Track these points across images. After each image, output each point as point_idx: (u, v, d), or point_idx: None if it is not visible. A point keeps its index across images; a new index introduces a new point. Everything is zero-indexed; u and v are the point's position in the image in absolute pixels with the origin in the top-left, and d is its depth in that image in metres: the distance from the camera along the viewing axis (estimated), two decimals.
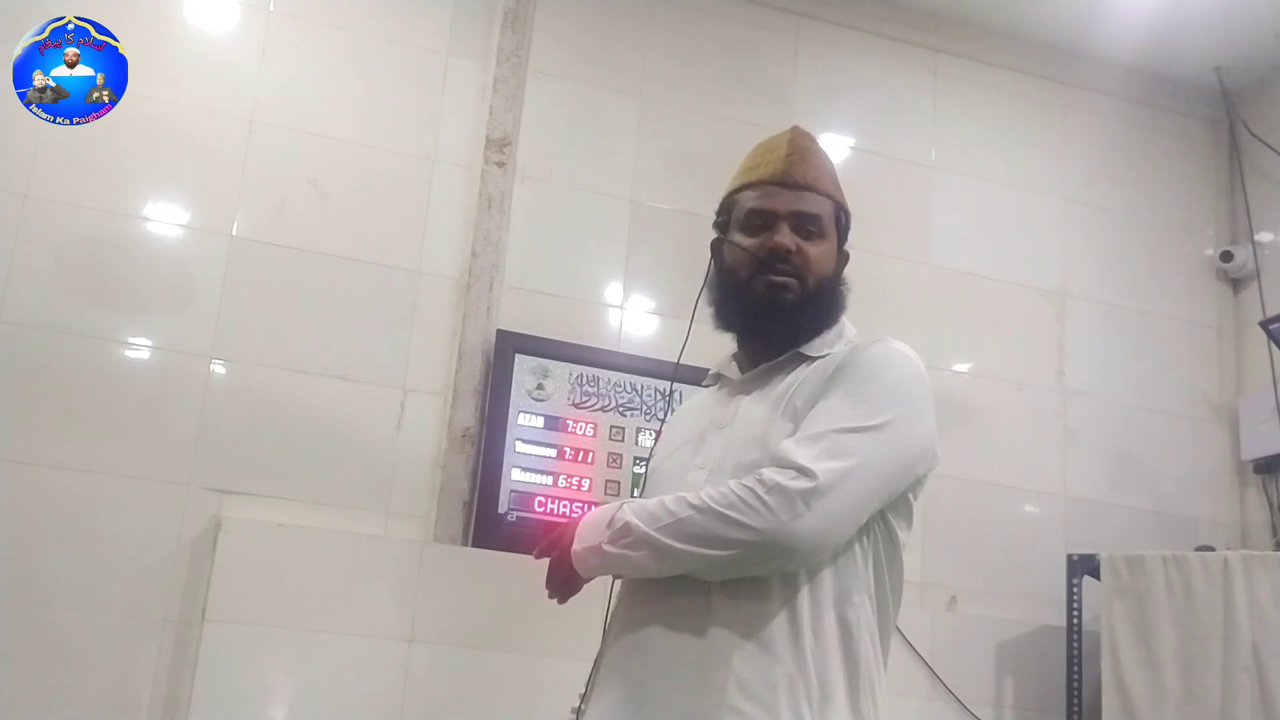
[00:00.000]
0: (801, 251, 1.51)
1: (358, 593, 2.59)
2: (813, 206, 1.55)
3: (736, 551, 1.30)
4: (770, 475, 1.30)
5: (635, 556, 1.35)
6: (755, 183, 1.56)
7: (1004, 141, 3.52)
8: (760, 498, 1.29)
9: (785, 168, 1.55)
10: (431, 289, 2.87)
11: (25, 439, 2.51)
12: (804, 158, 1.57)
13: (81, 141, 2.63)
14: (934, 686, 2.98)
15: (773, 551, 1.30)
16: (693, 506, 1.32)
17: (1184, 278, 3.59)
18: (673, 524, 1.33)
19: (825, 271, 1.55)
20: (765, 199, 1.54)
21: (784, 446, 1.34)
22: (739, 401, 1.52)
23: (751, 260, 1.51)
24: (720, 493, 1.32)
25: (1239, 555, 2.75)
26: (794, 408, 1.42)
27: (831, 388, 1.41)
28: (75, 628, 2.44)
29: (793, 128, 1.62)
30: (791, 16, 3.36)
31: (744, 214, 1.55)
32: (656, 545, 1.33)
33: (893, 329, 1.55)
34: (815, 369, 1.48)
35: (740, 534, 1.29)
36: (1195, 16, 3.32)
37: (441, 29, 3.03)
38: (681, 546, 1.32)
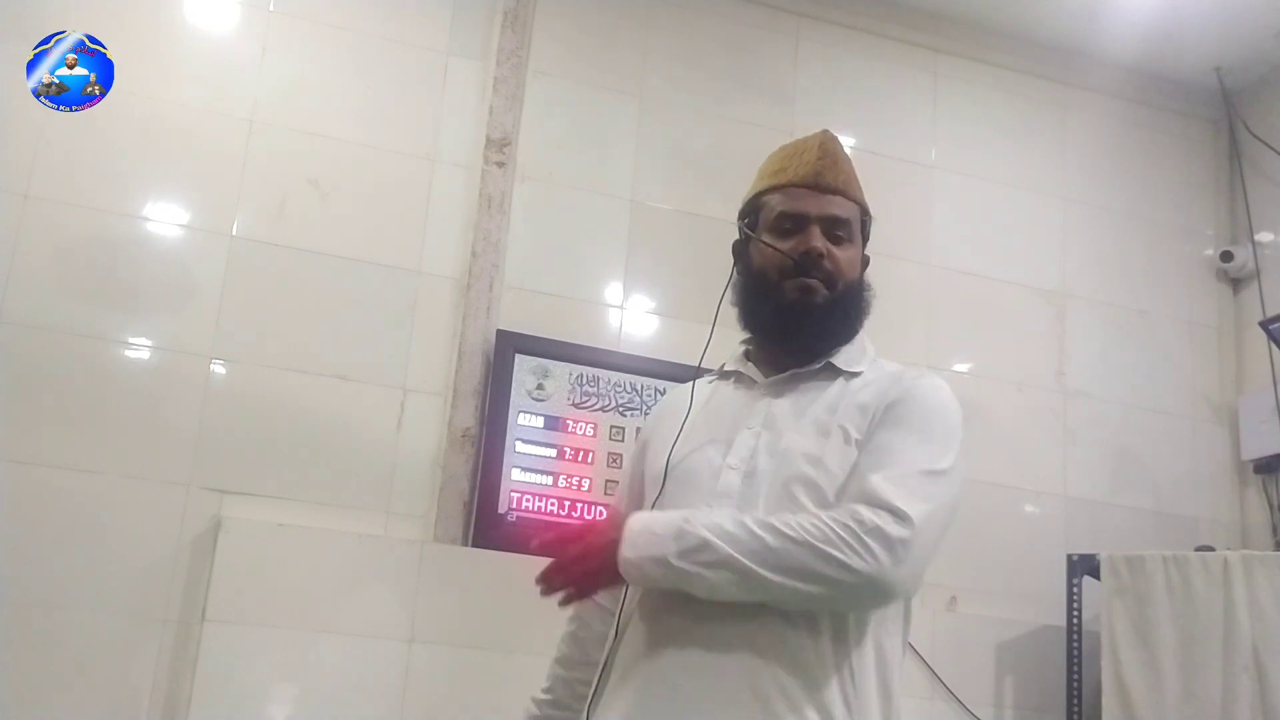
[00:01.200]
0: (832, 256, 1.52)
1: (358, 593, 2.59)
2: (843, 211, 1.55)
3: (830, 590, 1.30)
4: (870, 517, 1.30)
5: (713, 578, 1.31)
6: (784, 185, 1.56)
7: (1004, 141, 3.52)
8: (861, 539, 1.28)
9: (817, 171, 1.55)
10: (431, 289, 2.87)
11: (25, 439, 2.51)
12: (835, 162, 1.57)
13: (81, 141, 2.63)
14: (934, 686, 2.98)
15: (869, 594, 1.31)
16: (787, 537, 1.30)
17: (1184, 278, 3.59)
18: (763, 551, 1.30)
19: (853, 276, 1.55)
20: (796, 202, 1.54)
21: (877, 485, 1.33)
22: (767, 404, 1.51)
23: (783, 263, 1.51)
24: (815, 526, 1.30)
25: (1239, 555, 2.75)
26: (844, 430, 1.43)
27: (898, 423, 1.41)
28: (75, 628, 2.44)
29: (823, 131, 1.62)
30: (791, 16, 3.36)
31: (774, 216, 1.55)
32: (744, 571, 1.29)
33: (893, 329, 1.56)
34: (856, 389, 1.49)
35: (838, 573, 1.28)
36: (1195, 16, 3.31)
37: (441, 29, 3.03)
38: (774, 577, 1.29)
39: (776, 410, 1.50)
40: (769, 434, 1.47)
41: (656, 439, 1.60)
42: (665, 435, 1.56)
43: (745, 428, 1.48)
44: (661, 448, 1.55)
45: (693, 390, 1.59)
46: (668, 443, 1.54)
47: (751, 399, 1.54)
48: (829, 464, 1.40)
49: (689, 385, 1.65)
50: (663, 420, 1.62)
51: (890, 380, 1.49)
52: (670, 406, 1.65)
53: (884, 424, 1.41)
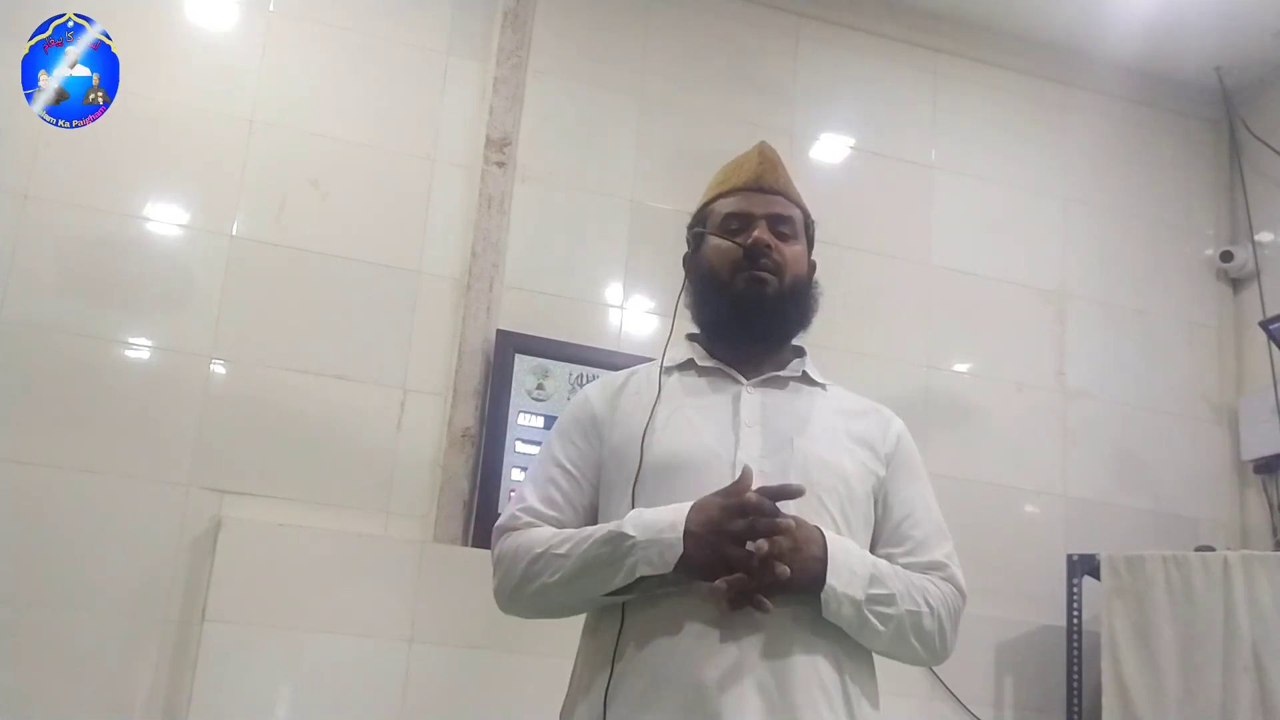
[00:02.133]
0: (779, 249, 1.56)
1: (358, 593, 2.59)
2: (785, 210, 1.61)
3: (930, 659, 1.48)
4: (960, 604, 1.49)
5: (880, 629, 1.40)
6: (729, 191, 1.62)
7: (1004, 141, 3.52)
8: (956, 622, 1.49)
9: (758, 174, 1.62)
10: (431, 289, 2.87)
11: (25, 439, 2.51)
12: (774, 167, 1.64)
13: (81, 141, 2.63)
14: (934, 686, 2.98)
15: (938, 661, 1.51)
16: (934, 609, 1.45)
17: (1184, 278, 3.59)
18: (920, 615, 1.43)
19: (800, 272, 1.60)
20: (741, 203, 1.60)
21: (952, 569, 1.51)
22: (756, 403, 1.52)
23: (734, 257, 1.55)
24: (944, 602, 1.46)
25: (1239, 555, 2.75)
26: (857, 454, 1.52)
27: (916, 480, 1.57)
28: (75, 628, 2.44)
29: (761, 142, 1.68)
30: (791, 16, 3.36)
31: (720, 219, 1.61)
32: (901, 632, 1.42)
33: (893, 329, 1.55)
34: (837, 406, 1.58)
35: (943, 648, 1.47)
36: (1195, 16, 3.32)
37: (441, 29, 3.03)
38: (914, 642, 1.44)
39: (770, 410, 1.51)
40: (772, 433, 1.48)
41: (620, 421, 1.54)
42: (632, 420, 1.52)
43: (745, 424, 1.49)
44: (630, 433, 1.50)
45: (660, 380, 1.55)
46: (635, 428, 1.50)
47: (733, 396, 1.54)
48: (854, 485, 1.49)
49: (638, 370, 1.62)
50: (618, 402, 1.57)
51: (873, 410, 1.61)
52: (622, 387, 1.60)
53: (908, 477, 1.56)
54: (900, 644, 1.43)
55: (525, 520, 1.52)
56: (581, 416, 1.59)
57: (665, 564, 1.34)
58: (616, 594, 1.40)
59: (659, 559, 1.34)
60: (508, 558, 1.50)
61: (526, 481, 1.59)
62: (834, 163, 3.36)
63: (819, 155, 3.34)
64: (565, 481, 1.55)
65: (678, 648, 1.35)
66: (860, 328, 3.19)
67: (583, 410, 1.60)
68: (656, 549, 1.34)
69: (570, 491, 1.54)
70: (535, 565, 1.45)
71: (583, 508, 1.54)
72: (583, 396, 1.63)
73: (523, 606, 1.51)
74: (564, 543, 1.43)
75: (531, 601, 1.48)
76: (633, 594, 1.39)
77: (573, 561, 1.41)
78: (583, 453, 1.56)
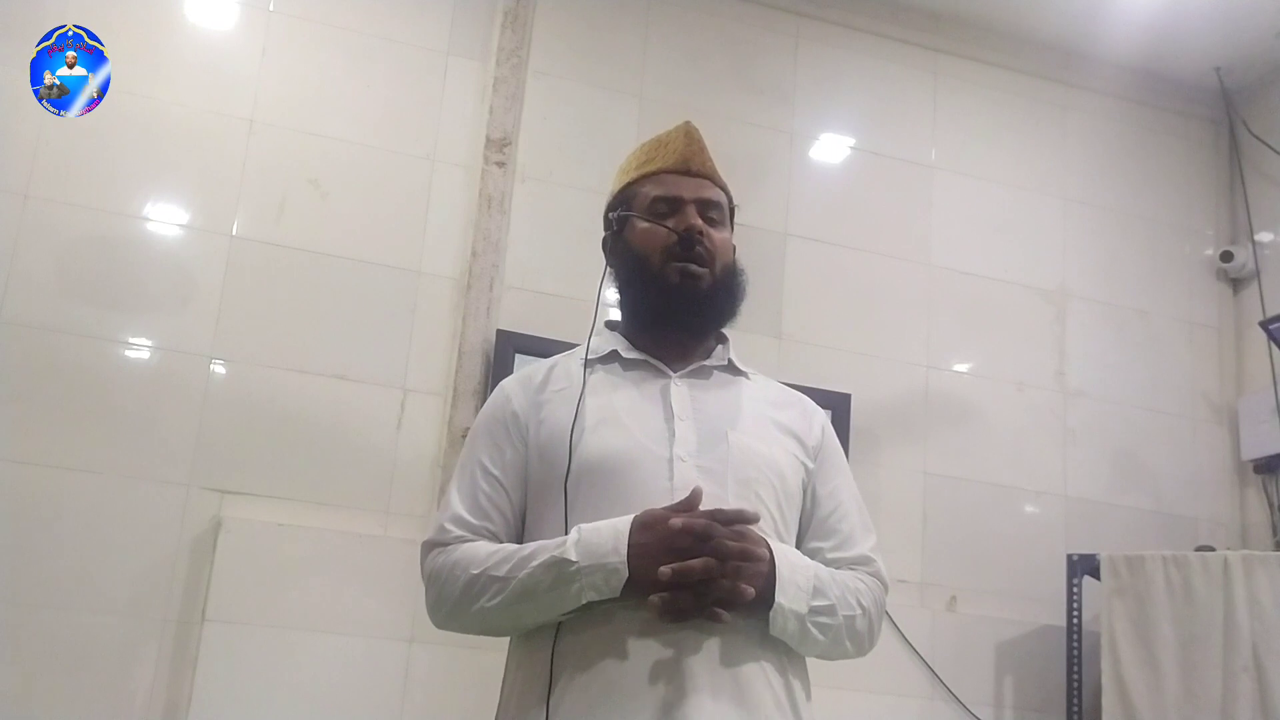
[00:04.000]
0: (709, 236, 1.52)
1: (358, 593, 2.59)
2: (714, 194, 1.56)
3: (854, 651, 1.46)
4: (883, 594, 1.49)
5: (819, 639, 1.39)
6: (654, 173, 1.56)
7: (1004, 141, 3.52)
8: (881, 614, 1.49)
9: (685, 157, 1.56)
10: (431, 289, 2.87)
11: (25, 439, 2.51)
12: (701, 149, 1.58)
13: (81, 141, 2.63)
14: (934, 686, 2.98)
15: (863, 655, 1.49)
16: (867, 610, 1.44)
17: (1184, 278, 3.59)
18: (854, 619, 1.42)
19: (729, 258, 1.56)
20: (670, 186, 1.54)
21: (878, 564, 1.50)
22: (685, 395, 1.47)
23: (666, 244, 1.50)
24: (873, 597, 1.46)
25: (1239, 555, 2.75)
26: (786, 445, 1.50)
27: (841, 472, 1.55)
28: (75, 628, 2.44)
29: (685, 121, 1.62)
30: (791, 16, 3.36)
31: (648, 202, 1.54)
32: (838, 639, 1.41)
33: (893, 329, 1.55)
34: (763, 396, 1.55)
35: (871, 643, 1.47)
36: (1195, 16, 3.32)
37: (441, 29, 3.03)
38: (847, 643, 1.43)
39: (700, 402, 1.48)
40: (705, 427, 1.44)
41: (546, 419, 1.47)
42: (558, 417, 1.45)
43: (678, 419, 1.44)
44: (557, 431, 1.44)
45: (584, 373, 1.49)
46: (562, 426, 1.43)
47: (660, 389, 1.49)
48: (787, 478, 1.47)
49: (555, 360, 1.57)
50: (541, 399, 1.50)
51: (796, 401, 1.58)
52: (543, 383, 1.52)
53: (833, 470, 1.55)
54: (834, 648, 1.42)
55: (455, 534, 1.44)
56: (503, 415, 1.50)
57: (611, 590, 1.28)
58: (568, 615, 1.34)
59: (604, 585, 1.28)
60: (441, 576, 1.43)
61: (452, 488, 1.49)
62: (834, 163, 3.36)
63: (819, 155, 3.34)
64: (490, 487, 1.46)
65: (624, 665, 1.29)
66: (860, 328, 3.19)
67: (502, 409, 1.51)
68: (601, 574, 1.28)
69: (497, 497, 1.46)
70: (473, 587, 1.37)
71: (512, 513, 1.46)
72: (501, 394, 1.53)
73: (461, 626, 1.44)
74: (502, 563, 1.36)
75: (471, 621, 1.41)
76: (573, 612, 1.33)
77: (514, 586, 1.33)
78: (506, 455, 1.47)
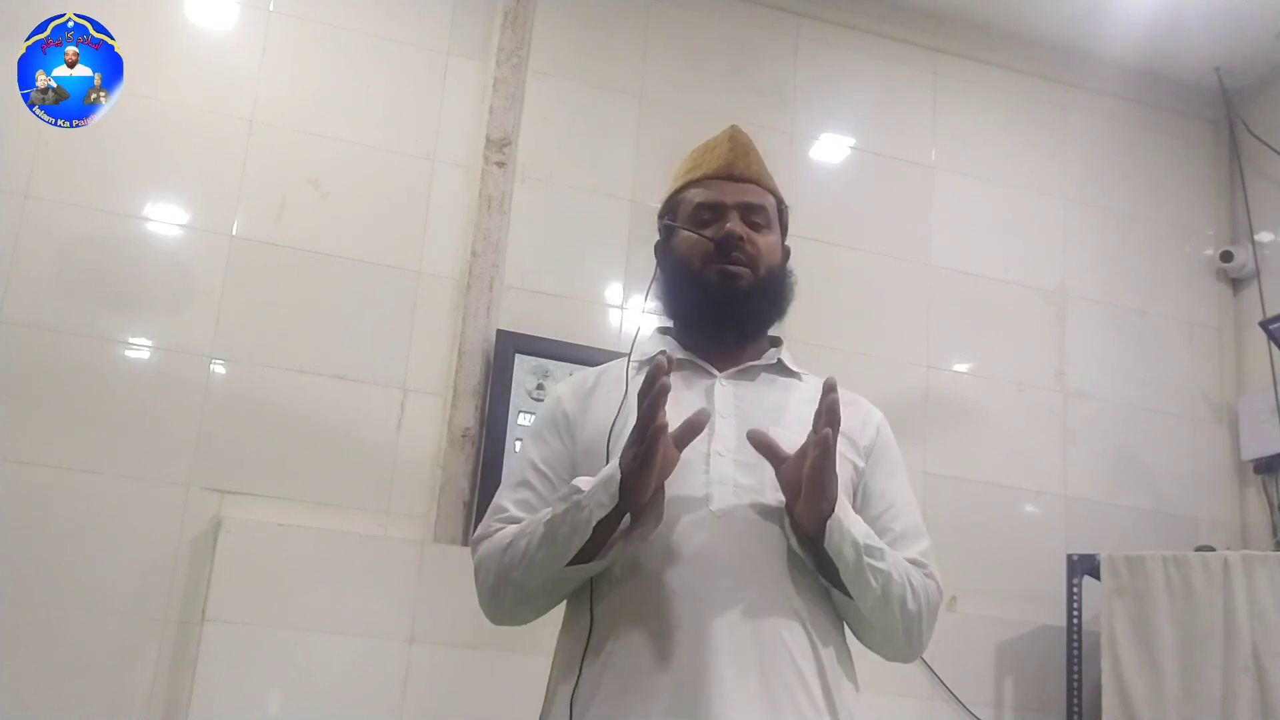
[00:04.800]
0: (751, 240, 1.53)
1: (358, 593, 2.59)
2: (758, 198, 1.57)
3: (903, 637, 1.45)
4: (938, 595, 1.50)
5: (870, 585, 1.36)
6: (699, 179, 1.58)
7: (1004, 141, 3.52)
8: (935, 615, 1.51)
9: (729, 161, 1.58)
10: (431, 289, 2.87)
11: (25, 439, 2.51)
12: (745, 153, 1.60)
13: (81, 141, 2.63)
14: (934, 686, 2.98)
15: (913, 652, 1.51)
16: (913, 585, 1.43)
17: (1184, 278, 3.59)
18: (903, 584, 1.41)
19: (774, 261, 1.56)
20: (712, 192, 1.56)
21: (931, 568, 1.50)
22: (730, 394, 1.49)
23: (705, 249, 1.52)
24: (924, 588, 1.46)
25: (1239, 555, 2.75)
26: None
27: (896, 473, 1.54)
28: (75, 628, 2.44)
29: (731, 126, 1.64)
30: (791, 16, 3.36)
31: (691, 209, 1.56)
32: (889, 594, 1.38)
33: (893, 329, 1.55)
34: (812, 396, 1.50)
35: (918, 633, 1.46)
36: (1195, 16, 3.31)
37: (441, 29, 3.03)
38: (897, 612, 1.41)
39: (744, 401, 1.49)
40: (746, 424, 1.44)
41: (590, 421, 1.51)
42: (601, 417, 1.49)
43: (720, 415, 1.46)
44: (600, 430, 1.47)
45: (628, 375, 1.51)
46: (605, 425, 1.47)
47: (705, 388, 1.51)
48: None
49: (610, 367, 1.59)
50: (589, 402, 1.54)
51: (853, 402, 1.54)
52: (594, 385, 1.57)
53: (887, 470, 1.54)
54: (885, 611, 1.39)
55: (498, 526, 1.50)
56: (554, 415, 1.56)
57: (611, 497, 1.30)
58: (583, 564, 1.36)
59: (605, 496, 1.30)
60: (485, 562, 1.48)
61: (503, 486, 1.56)
62: (834, 163, 3.36)
63: (819, 155, 3.34)
64: (539, 482, 1.52)
65: (652, 641, 1.34)
66: (860, 328, 3.19)
67: (554, 410, 1.57)
68: (602, 488, 1.31)
69: (544, 491, 1.50)
70: (506, 555, 1.43)
71: None
72: (554, 396, 1.60)
73: (505, 603, 1.49)
74: (528, 525, 1.42)
75: (511, 594, 1.46)
76: (598, 561, 1.35)
77: (537, 537, 1.38)
78: (556, 452, 1.53)
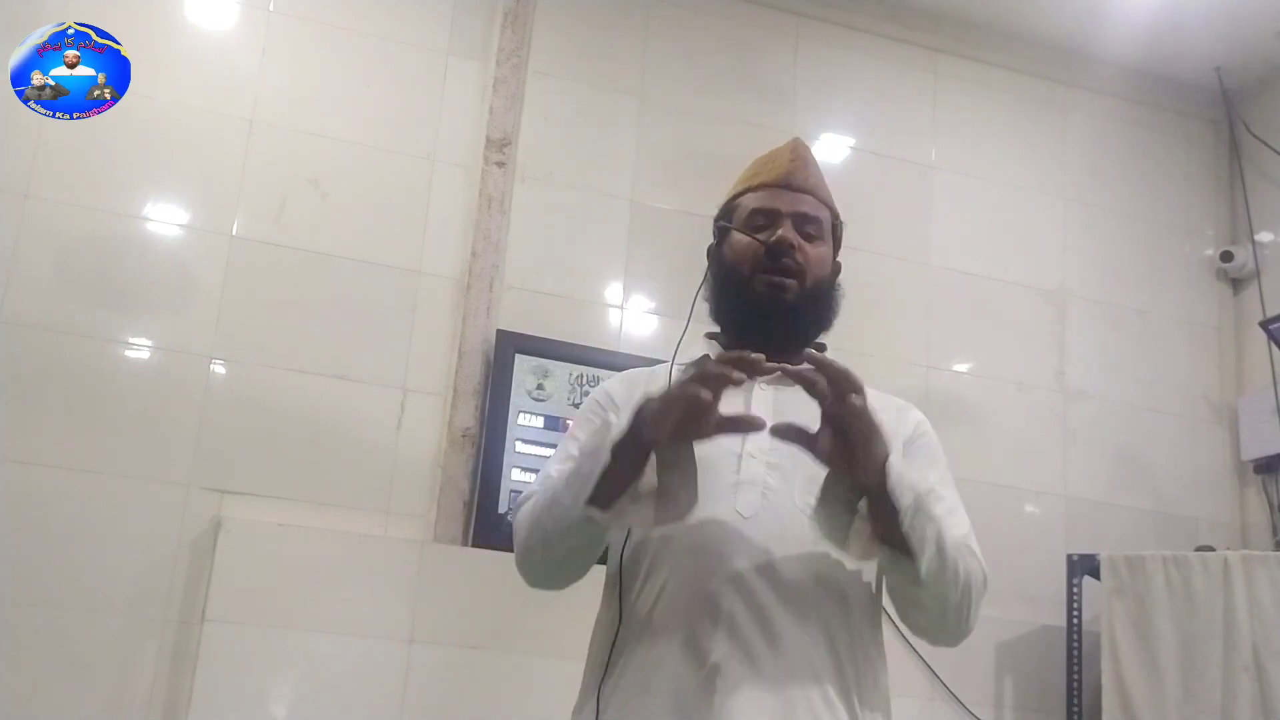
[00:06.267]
0: (803, 250, 1.55)
1: (358, 593, 2.59)
2: (814, 210, 1.59)
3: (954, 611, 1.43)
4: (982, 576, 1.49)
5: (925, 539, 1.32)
6: (757, 186, 1.61)
7: (1004, 141, 3.52)
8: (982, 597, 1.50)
9: (788, 171, 1.61)
10: (431, 289, 2.87)
11: (25, 439, 2.51)
12: (805, 165, 1.63)
13: (81, 141, 2.63)
14: (934, 686, 2.98)
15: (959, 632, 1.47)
16: (963, 561, 1.41)
17: (1184, 278, 3.59)
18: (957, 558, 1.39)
19: (823, 274, 1.58)
20: (768, 199, 1.58)
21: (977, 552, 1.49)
22: (769, 398, 1.50)
23: (754, 255, 1.54)
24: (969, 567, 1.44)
25: (1239, 555, 2.75)
26: None
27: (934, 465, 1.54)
28: (75, 628, 2.44)
29: (794, 138, 1.68)
30: (791, 16, 3.36)
31: (746, 214, 1.59)
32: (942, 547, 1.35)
33: (893, 329, 1.55)
34: None
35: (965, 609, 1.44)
36: (1195, 16, 3.31)
37: (441, 29, 3.03)
38: (948, 576, 1.38)
39: (781, 405, 1.49)
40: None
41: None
42: None
43: None
44: None
45: (670, 375, 1.54)
46: None
47: (744, 391, 1.51)
48: None
49: (659, 369, 1.61)
50: (636, 394, 1.53)
51: (891, 405, 1.54)
52: (644, 383, 1.59)
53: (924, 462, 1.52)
54: (942, 568, 1.36)
55: (539, 489, 1.52)
56: (602, 400, 1.60)
57: (630, 425, 1.32)
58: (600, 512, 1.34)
59: (625, 423, 1.33)
60: (522, 518, 1.50)
61: (548, 462, 1.59)
62: (834, 163, 3.36)
63: (819, 155, 3.27)
64: None
65: (672, 641, 1.36)
66: (860, 328, 3.19)
67: (604, 396, 1.61)
68: (624, 420, 1.33)
69: None
70: (538, 503, 1.45)
71: None
72: (604, 387, 1.64)
73: (536, 556, 1.48)
74: (543, 489, 1.45)
75: (540, 544, 1.45)
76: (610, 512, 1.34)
77: (565, 474, 1.40)
78: (600, 432, 1.54)
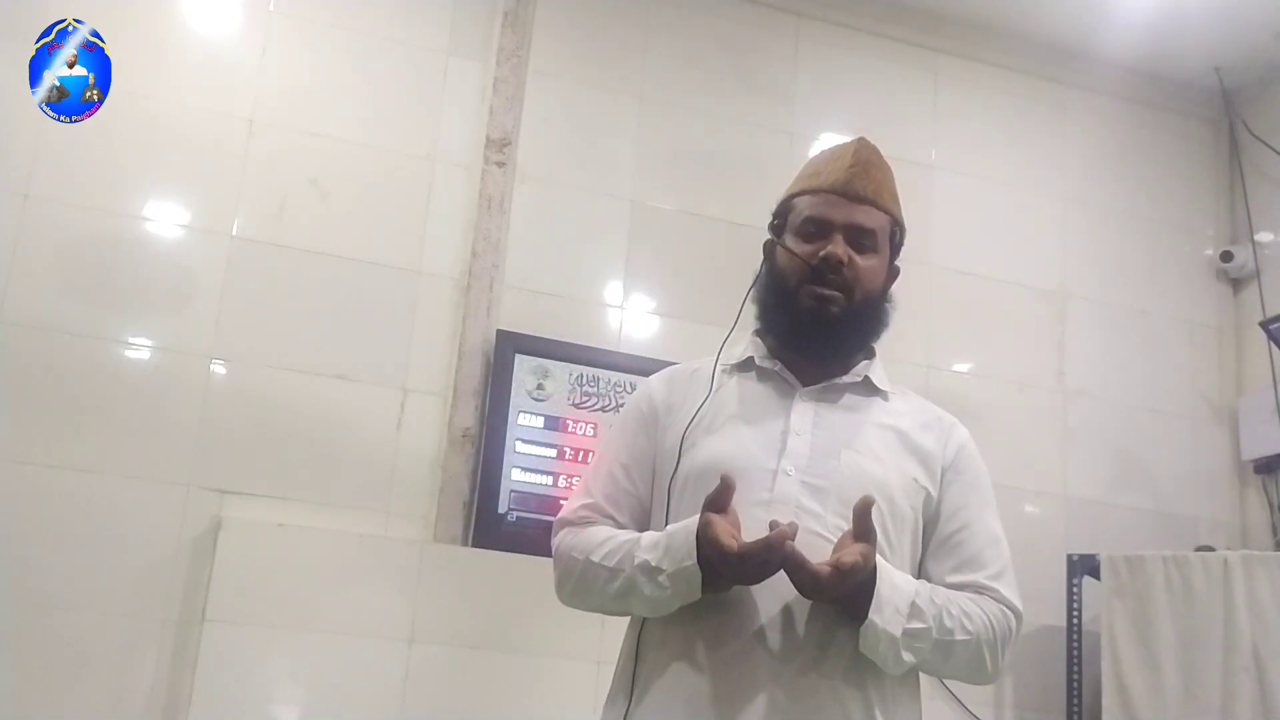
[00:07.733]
0: (853, 264, 1.50)
1: (358, 593, 2.59)
2: (870, 220, 1.53)
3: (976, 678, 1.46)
4: (1012, 622, 1.45)
5: (907, 659, 1.37)
6: (815, 189, 1.55)
7: (1004, 141, 3.52)
8: (1008, 641, 1.45)
9: (847, 178, 1.53)
10: (431, 289, 2.87)
11: (25, 439, 2.51)
12: (867, 170, 1.55)
13: (81, 141, 2.63)
14: (934, 686, 2.97)
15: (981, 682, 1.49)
16: (974, 633, 1.40)
17: (1184, 278, 3.59)
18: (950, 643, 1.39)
19: (874, 287, 1.53)
20: (823, 207, 1.53)
21: (1001, 591, 1.45)
22: (810, 411, 1.49)
23: (802, 268, 1.50)
24: (987, 623, 1.41)
25: (1239, 555, 2.75)
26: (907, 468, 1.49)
27: (973, 492, 1.55)
28: (75, 628, 2.44)
29: (860, 138, 1.60)
30: (791, 16, 3.36)
31: (800, 220, 1.54)
32: (932, 657, 1.39)
33: (893, 329, 1.54)
34: (897, 414, 1.53)
35: (979, 668, 1.43)
36: (1195, 16, 3.31)
37: (441, 29, 3.03)
38: (946, 667, 1.42)
39: (822, 419, 1.48)
40: (820, 443, 1.45)
41: (673, 424, 1.53)
42: (681, 420, 1.52)
43: (794, 433, 1.46)
44: (678, 433, 1.50)
45: (714, 376, 1.53)
46: (682, 425, 1.50)
47: (786, 401, 1.51)
48: (898, 501, 1.45)
49: (703, 367, 1.58)
50: (682, 396, 1.56)
51: (936, 422, 1.56)
52: (685, 382, 1.58)
53: (965, 490, 1.53)
54: (944, 662, 1.41)
55: (584, 516, 1.52)
56: (643, 410, 1.58)
57: (693, 592, 1.34)
58: None
59: (686, 589, 1.34)
60: (564, 556, 1.50)
61: (590, 473, 1.58)
62: None
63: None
64: (624, 478, 1.54)
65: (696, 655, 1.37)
66: None
67: (645, 403, 1.58)
68: (683, 579, 1.34)
69: (626, 484, 1.53)
70: (589, 574, 1.45)
71: (639, 501, 1.54)
72: (645, 388, 1.61)
73: (584, 608, 1.52)
74: (611, 555, 1.43)
75: (593, 605, 1.49)
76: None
77: (618, 584, 1.41)
78: (641, 448, 1.55)
